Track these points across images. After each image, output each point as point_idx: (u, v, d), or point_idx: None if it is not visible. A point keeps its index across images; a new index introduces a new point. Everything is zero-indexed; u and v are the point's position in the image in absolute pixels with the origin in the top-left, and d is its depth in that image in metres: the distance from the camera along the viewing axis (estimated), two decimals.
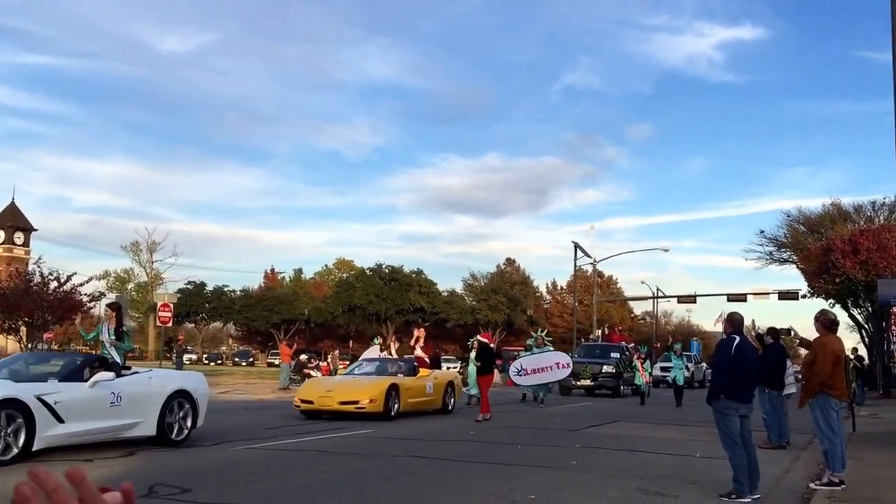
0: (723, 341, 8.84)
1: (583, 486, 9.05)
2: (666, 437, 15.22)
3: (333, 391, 17.44)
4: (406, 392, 17.94)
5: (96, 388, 10.77)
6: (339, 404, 16.83)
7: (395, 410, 17.34)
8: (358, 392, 17.18)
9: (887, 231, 33.55)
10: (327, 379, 21.37)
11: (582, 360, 32.57)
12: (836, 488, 9.02)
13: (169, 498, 7.71)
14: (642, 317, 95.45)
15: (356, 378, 18.97)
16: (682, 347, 30.22)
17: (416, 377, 19.20)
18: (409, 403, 18.00)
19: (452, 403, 20.22)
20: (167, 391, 11.82)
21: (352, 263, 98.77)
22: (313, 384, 19.22)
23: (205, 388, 13.02)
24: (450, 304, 76.41)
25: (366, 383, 17.81)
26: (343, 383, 18.48)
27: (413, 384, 18.66)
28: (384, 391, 17.08)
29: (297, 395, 18.12)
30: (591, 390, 31.46)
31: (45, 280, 27.30)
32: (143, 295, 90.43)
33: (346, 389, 17.48)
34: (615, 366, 31.17)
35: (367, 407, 16.71)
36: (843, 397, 9.99)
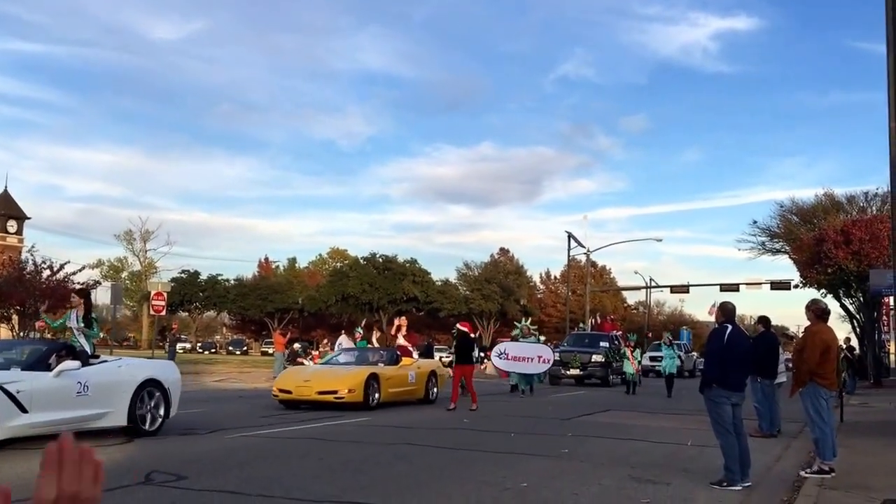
0: (715, 330, 8.91)
1: (575, 474, 9.13)
2: (658, 426, 15.33)
3: (312, 381, 17.07)
4: (387, 382, 17.58)
5: (62, 377, 10.37)
6: (317, 394, 16.51)
7: (376, 400, 16.99)
8: (337, 382, 16.83)
9: (879, 221, 33.61)
10: (306, 368, 20.64)
11: (571, 349, 32.55)
12: (827, 476, 9.11)
13: (165, 485, 7.76)
14: (635, 306, 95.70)
15: (335, 367, 18.58)
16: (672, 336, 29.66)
17: (397, 366, 18.79)
18: (389, 393, 17.64)
19: (435, 393, 19.81)
20: (137, 380, 11.41)
21: (346, 253, 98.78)
22: (292, 373, 18.70)
23: (177, 376, 12.62)
24: (443, 294, 76.52)
25: (345, 373, 17.46)
26: (322, 373, 18.03)
27: (394, 374, 18.29)
28: (363, 381, 16.75)
29: (275, 385, 17.73)
30: (581, 380, 31.27)
31: (38, 268, 27.27)
32: (137, 284, 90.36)
33: (325, 379, 17.12)
34: (604, 355, 30.95)
35: (346, 397, 16.39)
36: (833, 387, 10.07)
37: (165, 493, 7.43)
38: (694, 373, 49.70)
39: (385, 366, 18.43)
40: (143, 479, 8.00)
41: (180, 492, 7.47)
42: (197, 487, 7.66)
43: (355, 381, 16.69)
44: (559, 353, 31.55)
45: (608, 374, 30.79)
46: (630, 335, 33.75)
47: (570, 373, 31.13)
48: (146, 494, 7.34)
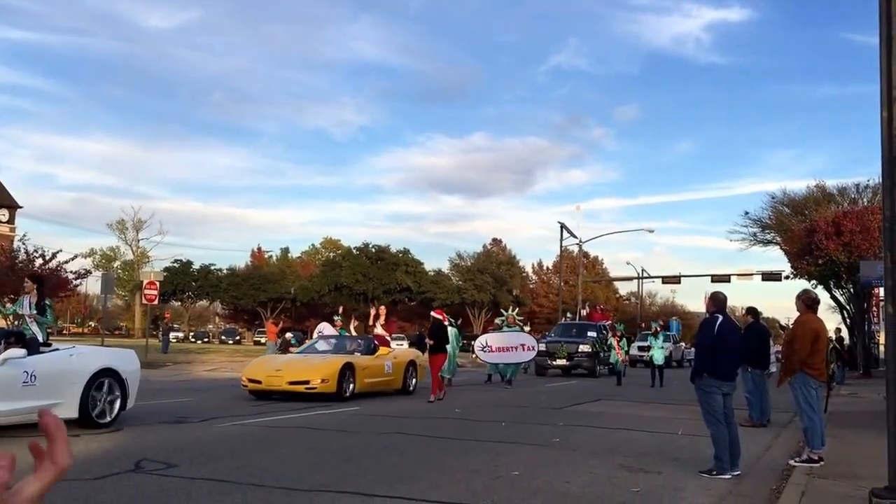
0: (706, 320, 8.93)
1: (566, 463, 9.15)
2: (649, 416, 15.37)
3: (283, 370, 16.42)
4: (362, 372, 16.96)
5: (7, 365, 9.80)
6: (288, 384, 15.90)
7: (350, 391, 16.38)
8: (309, 371, 16.18)
9: (870, 213, 33.66)
10: (277, 357, 19.56)
11: (558, 339, 32.06)
12: (815, 465, 9.16)
13: (155, 473, 7.75)
14: (627, 297, 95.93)
15: (308, 356, 17.82)
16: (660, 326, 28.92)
17: (373, 356, 18.06)
18: (365, 384, 17.05)
19: (414, 384, 19.17)
20: (90, 370, 10.75)
21: (339, 243, 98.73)
22: (262, 362, 17.89)
23: (136, 366, 11.95)
24: (436, 284, 76.53)
25: (318, 362, 16.77)
26: (294, 362, 17.32)
27: (370, 363, 17.62)
28: (337, 370, 16.10)
29: (244, 374, 16.95)
30: (567, 370, 30.91)
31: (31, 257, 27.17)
32: (130, 273, 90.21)
33: (297, 368, 16.48)
34: (592, 345, 30.41)
35: (319, 387, 15.78)
36: (822, 377, 10.10)
37: (155, 481, 7.42)
38: (682, 363, 49.05)
39: (361, 355, 17.81)
40: (133, 466, 8.00)
41: (170, 480, 7.46)
42: (187, 476, 7.65)
43: (328, 371, 16.09)
44: (546, 343, 31.24)
45: (595, 365, 30.32)
46: (617, 325, 33.14)
47: (557, 363, 30.66)
48: (136, 482, 7.32)
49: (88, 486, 7.02)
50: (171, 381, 22.53)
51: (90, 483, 7.12)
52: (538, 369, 30.59)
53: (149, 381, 22.31)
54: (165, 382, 21.52)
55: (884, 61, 6.80)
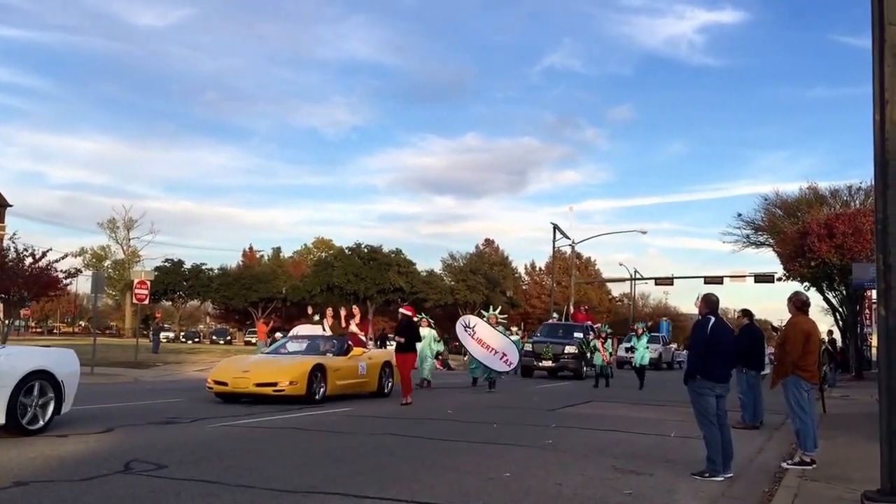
0: (699, 322, 8.89)
1: (558, 465, 9.12)
2: (641, 417, 15.36)
3: (251, 371, 15.74)
4: (334, 373, 16.35)
5: None
6: (255, 386, 15.29)
7: (321, 394, 15.78)
8: (277, 373, 15.54)
9: (863, 215, 33.68)
10: (245, 358, 18.54)
11: (543, 340, 31.46)
12: (808, 468, 9.15)
13: (145, 474, 7.69)
14: (620, 298, 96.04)
15: (277, 357, 17.17)
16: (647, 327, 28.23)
17: (346, 357, 17.36)
18: (337, 386, 16.43)
19: (390, 386, 18.41)
20: (20, 372, 9.92)
21: (331, 243, 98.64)
22: (229, 363, 17.12)
23: (74, 367, 11.18)
24: (429, 285, 76.48)
25: (286, 363, 16.19)
26: (262, 363, 16.60)
27: (342, 364, 16.95)
28: (307, 372, 15.49)
29: (210, 376, 16.23)
30: (553, 372, 30.34)
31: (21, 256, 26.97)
32: (120, 272, 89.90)
33: (265, 370, 15.81)
34: (578, 347, 29.50)
35: (287, 389, 15.19)
36: (814, 379, 10.09)
37: (145, 481, 7.35)
38: (672, 365, 49.11)
39: (333, 356, 17.14)
40: (122, 467, 7.93)
41: (160, 481, 7.40)
42: (177, 476, 7.59)
43: (297, 373, 15.48)
44: (532, 344, 30.87)
45: (582, 367, 29.55)
46: (602, 326, 32.47)
47: (543, 364, 30.15)
48: (125, 483, 7.26)
49: (77, 487, 6.96)
50: (162, 382, 22.45)
51: (78, 484, 7.06)
52: (524, 370, 30.03)
53: (139, 382, 22.29)
54: (155, 383, 21.45)
55: (877, 64, 6.80)
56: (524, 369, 29.93)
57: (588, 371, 28.90)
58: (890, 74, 6.66)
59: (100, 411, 13.19)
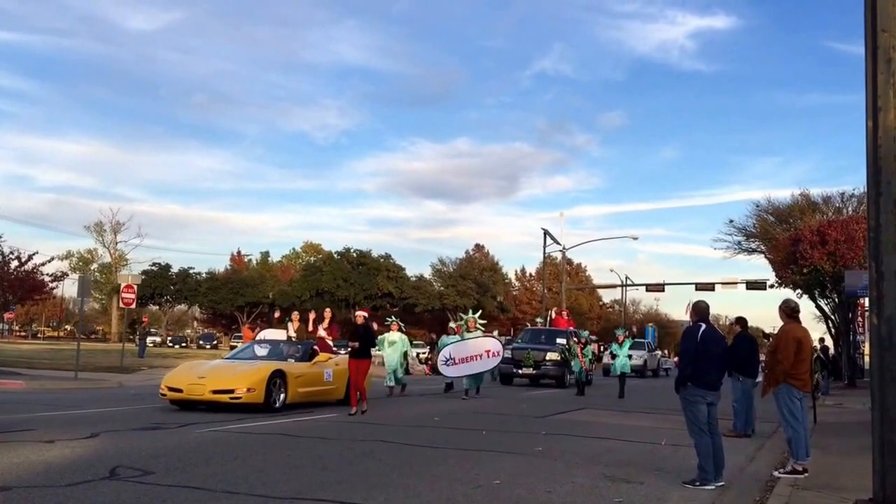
0: (689, 329, 8.84)
1: (548, 472, 9.05)
2: (632, 425, 15.30)
3: (206, 378, 14.95)
4: (296, 380, 15.59)
5: None
6: (211, 393, 14.52)
7: (281, 401, 15.12)
8: (234, 379, 14.77)
9: (855, 223, 33.63)
10: (202, 363, 17.57)
11: (524, 346, 30.19)
12: (800, 476, 9.10)
13: (131, 480, 7.59)
14: (611, 305, 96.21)
15: (235, 363, 16.24)
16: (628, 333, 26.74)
17: (310, 363, 16.50)
18: (299, 393, 15.68)
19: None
20: None
21: (319, 247, 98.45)
22: (184, 369, 16.20)
23: None
24: (418, 290, 76.46)
25: (244, 369, 15.29)
26: (219, 369, 15.78)
27: (306, 371, 16.16)
28: (265, 378, 14.77)
29: (164, 381, 15.32)
30: (535, 379, 29.09)
31: (6, 259, 26.78)
32: (107, 276, 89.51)
33: (221, 376, 15.03)
34: (560, 353, 28.15)
35: (244, 397, 14.43)
36: (807, 388, 10.05)
37: (130, 487, 7.26)
38: (658, 372, 47.83)
39: (296, 361, 16.39)
40: (107, 473, 7.84)
41: (145, 487, 7.31)
42: (163, 483, 7.49)
43: (255, 379, 14.71)
44: (512, 351, 29.02)
45: (564, 374, 28.18)
46: (581, 331, 31.10)
47: (523, 372, 28.70)
48: (110, 489, 7.16)
49: (62, 493, 6.87)
50: (147, 387, 22.24)
51: (63, 490, 6.97)
52: (503, 378, 28.99)
53: (124, 387, 22.12)
54: (141, 388, 21.27)
55: (869, 71, 6.77)
56: (503, 377, 28.99)
57: (570, 379, 27.76)
58: (883, 81, 6.62)
59: (84, 416, 13.06)
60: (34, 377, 22.37)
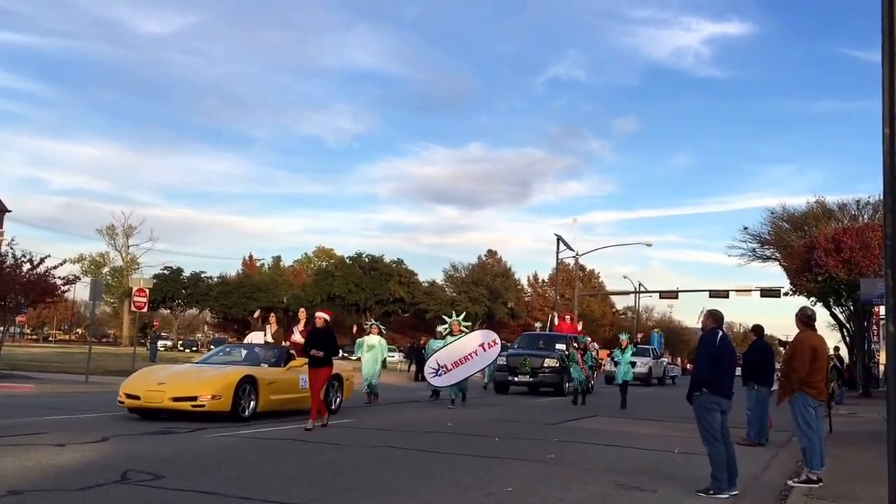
0: (707, 335, 8.77)
1: (560, 480, 9.00)
2: (644, 433, 15.22)
3: (166, 384, 13.84)
4: (268, 387, 14.49)
5: None
6: (171, 400, 13.43)
7: (251, 409, 14.04)
8: (197, 385, 13.74)
9: (871, 230, 33.32)
10: (164, 368, 16.34)
11: (521, 352, 28.58)
12: (814, 486, 9.02)
13: (142, 484, 7.58)
14: (624, 311, 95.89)
15: (201, 368, 15.23)
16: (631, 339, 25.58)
17: (284, 368, 15.26)
18: (272, 401, 14.59)
19: (339, 402, 16.46)
20: None
21: (332, 252, 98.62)
22: (144, 374, 14.95)
23: None
24: (430, 295, 76.39)
25: (210, 374, 14.24)
26: (181, 374, 14.75)
27: (279, 377, 14.99)
28: (233, 384, 13.69)
29: (122, 388, 14.12)
30: (533, 387, 27.54)
31: (18, 262, 26.85)
32: (119, 280, 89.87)
33: (183, 382, 14.00)
34: (559, 359, 26.59)
35: (208, 405, 13.38)
36: (822, 396, 9.97)
37: (141, 492, 7.25)
38: (664, 380, 45.96)
39: (269, 367, 15.26)
40: (119, 477, 7.83)
41: (156, 491, 7.30)
42: (174, 487, 7.49)
43: (221, 385, 13.65)
44: (507, 357, 27.66)
45: (563, 381, 26.53)
46: (581, 337, 29.33)
47: (519, 379, 27.21)
48: (122, 493, 7.16)
49: (73, 496, 6.88)
50: None
51: (75, 494, 6.98)
52: (498, 386, 27.73)
53: None
54: None
55: (886, 78, 6.70)
56: (498, 385, 27.76)
57: (569, 386, 25.78)
58: None
59: (95, 420, 13.08)
60: (45, 381, 22.44)
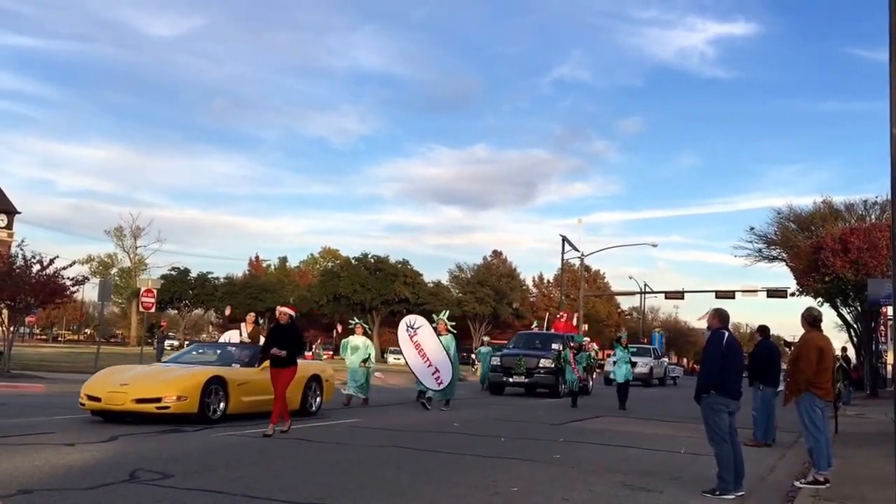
0: (714, 335, 8.75)
1: (566, 480, 9.01)
2: (651, 433, 15.22)
3: (130, 385, 13.06)
4: (239, 388, 13.71)
5: None
6: (134, 402, 12.65)
7: (221, 411, 13.33)
8: (162, 386, 12.96)
9: (878, 230, 33.19)
10: (129, 368, 15.30)
11: (515, 352, 27.79)
12: (821, 487, 9.00)
13: (151, 483, 7.62)
14: (629, 312, 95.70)
15: (168, 368, 14.57)
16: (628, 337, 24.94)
17: (258, 368, 13.86)
18: (243, 402, 13.81)
19: (318, 403, 15.80)
20: None
21: (337, 253, 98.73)
22: (107, 374, 14.12)
23: None
24: (435, 296, 76.34)
25: (176, 375, 13.50)
26: (146, 374, 13.96)
27: (252, 377, 13.94)
28: (200, 385, 12.99)
29: (83, 389, 13.42)
30: (529, 388, 26.69)
31: (28, 263, 26.95)
32: (127, 280, 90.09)
33: (147, 383, 13.18)
34: (555, 360, 25.74)
35: (174, 406, 12.62)
36: (828, 397, 9.96)
37: (149, 491, 7.28)
38: (665, 381, 45.16)
39: (242, 367, 14.35)
40: (127, 476, 7.87)
41: (164, 490, 7.33)
42: (182, 486, 7.52)
43: (186, 386, 12.93)
44: (500, 357, 27.46)
45: (558, 382, 25.70)
46: (575, 336, 28.60)
47: (514, 380, 26.42)
48: (129, 492, 7.19)
49: (82, 495, 6.91)
50: None
51: (84, 493, 7.01)
52: (493, 388, 27.22)
53: None
54: None
55: (893, 77, 6.71)
56: (493, 386, 27.14)
57: (564, 388, 24.89)
58: None
59: (103, 420, 13.07)
60: (54, 380, 22.52)
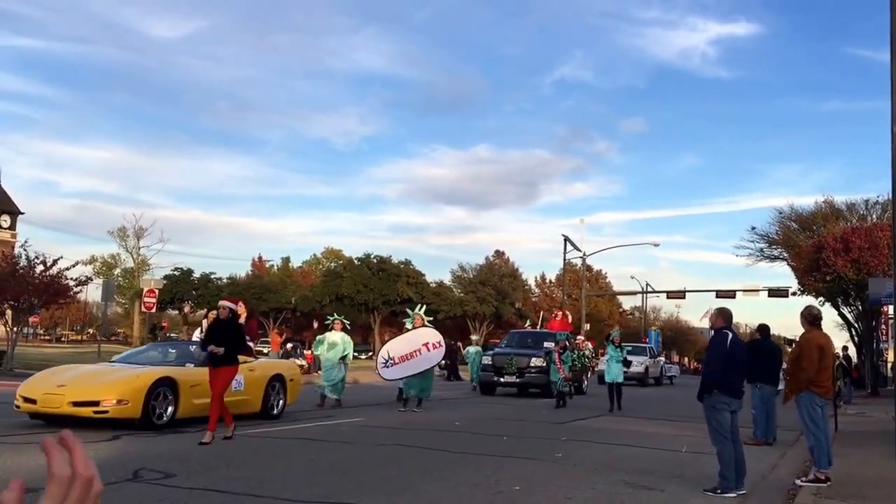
0: (718, 335, 8.77)
1: (569, 479, 9.03)
2: (653, 432, 15.23)
3: (68, 386, 11.98)
4: (191, 390, 12.50)
5: None
6: (70, 406, 11.57)
7: (168, 415, 12.16)
8: (101, 388, 11.83)
9: (879, 230, 33.20)
10: (71, 367, 13.94)
11: (507, 351, 27.14)
12: (822, 485, 9.02)
13: (153, 482, 7.65)
14: (631, 312, 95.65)
15: (112, 368, 13.35)
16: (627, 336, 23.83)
17: None
18: (196, 406, 12.44)
19: (281, 405, 14.82)
20: None
21: (340, 253, 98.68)
22: (46, 375, 13.06)
23: None
24: (438, 296, 76.28)
25: (119, 376, 12.37)
26: (86, 375, 12.74)
27: (207, 378, 11.91)
28: (144, 388, 11.82)
29: (18, 390, 12.31)
30: (522, 388, 25.90)
31: (32, 264, 27.03)
32: (130, 280, 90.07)
33: (86, 385, 12.05)
34: (546, 359, 24.87)
35: (112, 411, 11.52)
36: (828, 394, 9.98)
37: (153, 490, 7.32)
38: (661, 380, 43.71)
39: (196, 367, 13.05)
40: (131, 475, 7.91)
41: (168, 489, 7.37)
42: (185, 485, 7.55)
43: (129, 388, 11.79)
44: (492, 357, 26.67)
45: (550, 382, 24.19)
46: (559, 334, 26.98)
47: (506, 380, 25.68)
48: (133, 492, 7.23)
49: None
50: None
51: None
52: (484, 388, 26.33)
53: None
54: None
55: (894, 77, 6.73)
56: (484, 386, 26.39)
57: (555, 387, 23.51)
58: None
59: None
60: None
